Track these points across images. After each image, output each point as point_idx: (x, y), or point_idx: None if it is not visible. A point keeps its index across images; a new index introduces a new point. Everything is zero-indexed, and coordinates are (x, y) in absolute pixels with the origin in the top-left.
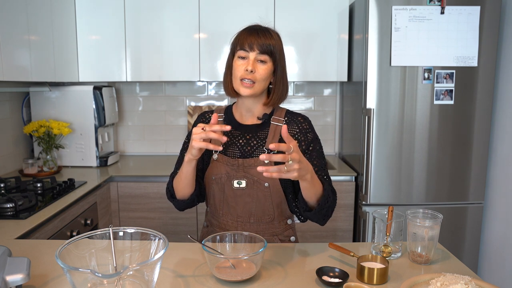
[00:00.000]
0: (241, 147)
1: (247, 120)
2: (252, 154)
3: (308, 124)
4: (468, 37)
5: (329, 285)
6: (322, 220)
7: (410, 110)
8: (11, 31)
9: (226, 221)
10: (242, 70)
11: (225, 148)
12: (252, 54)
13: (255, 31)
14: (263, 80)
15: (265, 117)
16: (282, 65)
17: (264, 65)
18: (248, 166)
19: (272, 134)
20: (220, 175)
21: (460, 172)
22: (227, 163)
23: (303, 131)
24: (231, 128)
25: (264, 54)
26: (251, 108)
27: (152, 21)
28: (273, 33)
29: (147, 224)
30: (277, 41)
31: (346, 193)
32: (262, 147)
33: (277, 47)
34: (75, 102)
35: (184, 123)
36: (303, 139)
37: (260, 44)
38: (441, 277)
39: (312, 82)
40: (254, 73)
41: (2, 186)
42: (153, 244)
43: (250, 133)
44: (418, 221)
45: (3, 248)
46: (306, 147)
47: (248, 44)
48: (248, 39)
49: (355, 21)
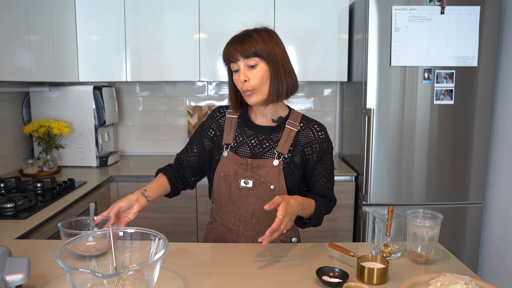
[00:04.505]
0: (252, 147)
1: (262, 121)
2: (263, 155)
3: (324, 134)
4: (468, 37)
5: (329, 285)
6: (314, 226)
7: (410, 110)
8: (11, 31)
9: (229, 219)
10: (240, 83)
11: (237, 146)
12: (240, 63)
13: (234, 40)
14: (261, 84)
15: (280, 120)
16: (275, 61)
17: (255, 68)
18: (257, 166)
19: (285, 138)
20: (228, 172)
21: (460, 172)
22: (236, 161)
23: (319, 140)
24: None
25: (250, 58)
26: (263, 112)
27: (152, 21)
28: (257, 33)
29: (147, 224)
30: (263, 39)
31: (346, 193)
32: (274, 150)
33: (262, 47)
34: (75, 102)
35: (184, 123)
36: (318, 148)
37: (241, 50)
38: (441, 277)
39: (312, 82)
40: (248, 82)
41: (2, 186)
42: (153, 244)
43: (264, 134)
44: (418, 221)
45: (3, 248)
46: (319, 157)
47: (232, 56)
48: (229, 50)
49: (355, 21)
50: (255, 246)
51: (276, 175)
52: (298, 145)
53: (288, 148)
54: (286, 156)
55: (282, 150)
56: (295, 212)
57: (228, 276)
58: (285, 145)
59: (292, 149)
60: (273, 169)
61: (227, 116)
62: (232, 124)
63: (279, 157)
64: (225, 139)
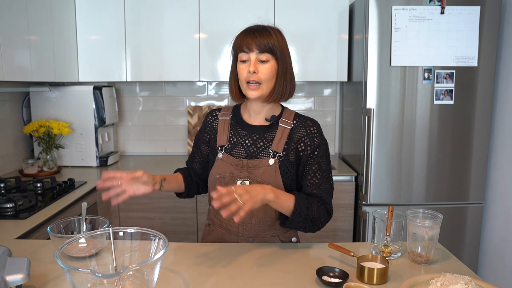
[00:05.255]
0: (247, 147)
1: (255, 121)
2: (258, 155)
3: (316, 129)
4: (468, 37)
5: (329, 285)
6: (304, 230)
7: (410, 110)
8: (11, 31)
9: (228, 220)
10: (246, 72)
11: (231, 147)
12: (252, 54)
13: (252, 32)
14: (269, 79)
15: (273, 119)
16: (284, 62)
17: (267, 64)
18: (253, 167)
19: (279, 136)
20: (224, 174)
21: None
22: (232, 162)
23: (310, 135)
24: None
25: (264, 53)
26: (259, 110)
27: (152, 21)
28: (272, 30)
29: (147, 224)
30: (278, 38)
31: (346, 193)
32: (268, 149)
33: (277, 44)
34: (75, 102)
35: (184, 123)
36: (309, 143)
37: (258, 43)
38: (441, 277)
39: (312, 82)
40: (257, 74)
41: (2, 186)
42: (153, 244)
43: (257, 134)
44: (418, 221)
45: (3, 248)
46: (311, 151)
47: (246, 45)
48: (245, 40)
49: (355, 21)
50: (255, 246)
51: (272, 174)
52: (292, 142)
53: (282, 146)
54: (281, 154)
55: (276, 149)
56: (258, 193)
57: (228, 276)
58: (279, 144)
59: (287, 147)
60: (269, 168)
61: (219, 119)
62: (225, 126)
63: (274, 155)
64: (219, 141)
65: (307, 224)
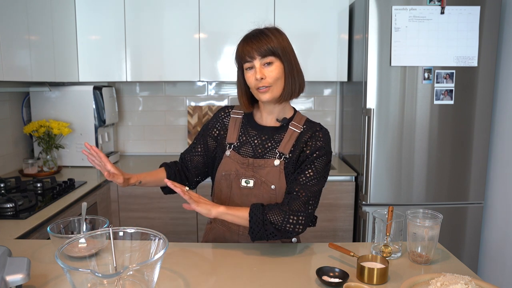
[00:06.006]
0: (255, 147)
1: (266, 122)
2: (264, 155)
3: (322, 134)
4: (468, 37)
5: (329, 285)
6: (274, 237)
7: (410, 110)
8: (11, 31)
9: None
10: (254, 80)
11: (239, 146)
12: (256, 61)
13: (250, 39)
14: (277, 80)
15: (284, 121)
16: (289, 60)
17: (272, 66)
18: (258, 166)
19: (287, 139)
20: (229, 171)
21: (460, 172)
22: (238, 161)
23: (314, 138)
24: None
25: (267, 57)
26: (271, 111)
27: (152, 21)
28: (271, 32)
29: (147, 224)
30: (277, 38)
31: (346, 193)
32: (275, 150)
33: (277, 45)
34: (75, 102)
35: (184, 123)
36: (311, 144)
37: (259, 49)
38: (441, 277)
39: (312, 82)
40: (265, 79)
41: (2, 186)
42: (153, 244)
43: (267, 134)
44: (418, 221)
45: (3, 248)
46: (311, 152)
47: (248, 54)
48: (245, 49)
49: (355, 21)
50: (255, 246)
51: (277, 175)
52: (298, 145)
53: (289, 148)
54: (287, 156)
55: (283, 150)
56: (210, 203)
57: (228, 276)
58: (286, 146)
59: (293, 150)
60: (274, 169)
61: (231, 116)
62: (236, 124)
63: (280, 157)
64: (229, 139)
65: (270, 229)
